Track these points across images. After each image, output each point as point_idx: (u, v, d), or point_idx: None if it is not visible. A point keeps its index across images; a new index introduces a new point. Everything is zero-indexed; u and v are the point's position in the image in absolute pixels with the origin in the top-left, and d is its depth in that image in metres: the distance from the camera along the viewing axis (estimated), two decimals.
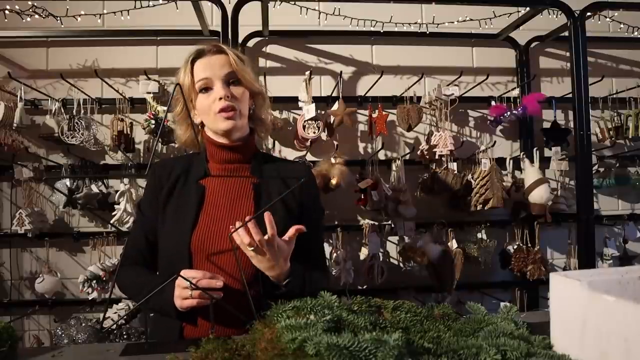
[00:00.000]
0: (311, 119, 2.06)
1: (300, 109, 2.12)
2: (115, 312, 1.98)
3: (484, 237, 2.29)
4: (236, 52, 1.16)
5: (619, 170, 2.39)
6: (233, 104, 1.10)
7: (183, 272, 0.99)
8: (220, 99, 1.09)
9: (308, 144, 2.14)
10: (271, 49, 2.36)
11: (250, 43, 2.30)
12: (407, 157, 2.29)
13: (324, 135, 2.18)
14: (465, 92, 2.31)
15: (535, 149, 2.27)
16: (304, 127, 2.07)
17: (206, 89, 1.12)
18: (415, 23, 2.25)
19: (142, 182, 2.22)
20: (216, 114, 1.10)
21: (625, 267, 0.65)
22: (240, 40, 2.05)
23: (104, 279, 1.99)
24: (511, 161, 2.34)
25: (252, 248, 0.96)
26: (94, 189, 2.07)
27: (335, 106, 2.11)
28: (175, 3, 1.96)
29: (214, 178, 1.15)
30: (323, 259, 1.28)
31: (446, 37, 2.36)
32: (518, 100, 2.33)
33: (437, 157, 2.15)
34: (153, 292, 0.88)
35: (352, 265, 2.14)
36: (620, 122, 2.36)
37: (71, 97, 2.15)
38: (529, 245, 2.31)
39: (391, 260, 2.37)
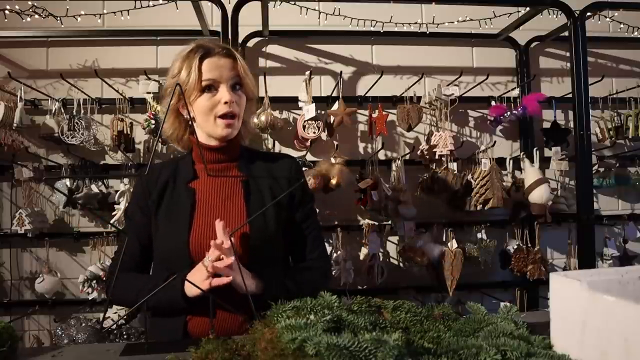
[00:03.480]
0: (311, 119, 2.06)
1: (300, 109, 2.12)
2: (115, 312, 1.98)
3: (484, 237, 2.29)
4: (241, 58, 1.17)
5: (619, 170, 2.39)
6: (235, 111, 1.11)
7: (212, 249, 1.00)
8: (225, 103, 1.09)
9: (308, 144, 2.14)
10: (271, 49, 2.36)
11: (250, 43, 2.30)
12: (407, 157, 2.29)
13: (324, 135, 2.19)
14: (465, 92, 2.31)
15: (535, 149, 2.27)
16: (304, 127, 2.07)
17: (209, 87, 1.11)
18: (415, 23, 2.25)
19: None
20: (217, 118, 1.11)
21: (625, 267, 0.65)
22: (240, 40, 2.05)
23: (104, 279, 1.98)
24: (511, 161, 2.34)
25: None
26: (94, 189, 2.07)
27: (335, 106, 2.11)
28: (175, 3, 1.96)
29: (203, 179, 1.16)
30: (322, 245, 1.28)
31: (446, 37, 2.36)
32: (518, 100, 2.33)
33: (437, 157, 2.15)
34: (154, 291, 0.88)
35: (352, 265, 2.14)
36: (620, 122, 2.36)
37: (71, 97, 2.15)
38: (529, 245, 2.30)
39: (391, 260, 2.37)
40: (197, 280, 0.98)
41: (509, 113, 2.24)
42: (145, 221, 1.15)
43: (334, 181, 2.00)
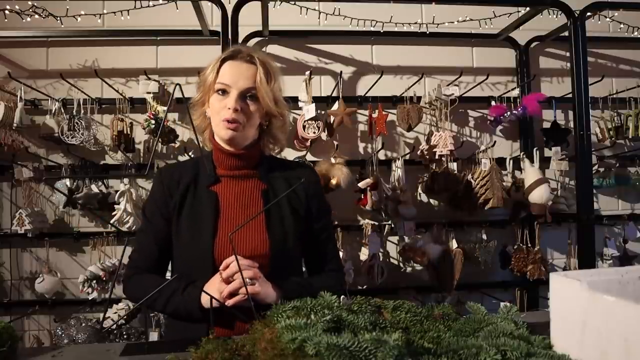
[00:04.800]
0: (311, 119, 2.06)
1: (300, 109, 2.12)
2: (115, 312, 1.98)
3: (484, 237, 2.29)
4: (268, 66, 1.15)
5: (619, 170, 2.39)
6: (238, 118, 1.10)
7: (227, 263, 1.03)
8: (229, 108, 1.10)
9: (308, 144, 2.14)
10: (271, 49, 2.36)
11: (250, 43, 2.30)
12: (407, 157, 2.29)
13: (324, 135, 2.18)
14: (465, 92, 2.31)
15: (535, 149, 2.27)
16: (304, 127, 2.07)
17: (223, 91, 1.13)
18: (415, 23, 2.25)
19: (142, 182, 2.22)
20: (221, 121, 1.11)
21: (625, 267, 0.65)
22: (240, 40, 2.05)
23: (104, 279, 1.99)
24: (511, 161, 2.35)
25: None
26: (94, 189, 2.07)
27: (335, 106, 2.11)
28: (175, 3, 1.96)
29: (224, 185, 1.16)
30: (337, 259, 1.29)
31: (446, 37, 2.36)
32: (518, 100, 2.33)
33: (437, 157, 2.15)
34: (156, 290, 0.88)
35: (352, 265, 2.14)
36: (620, 122, 2.36)
37: (71, 97, 2.15)
38: (529, 245, 2.31)
39: (391, 260, 2.37)
40: (213, 292, 0.99)
41: (509, 113, 2.24)
42: (164, 224, 1.15)
43: (334, 181, 2.00)
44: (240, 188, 1.16)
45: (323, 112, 2.17)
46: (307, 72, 2.12)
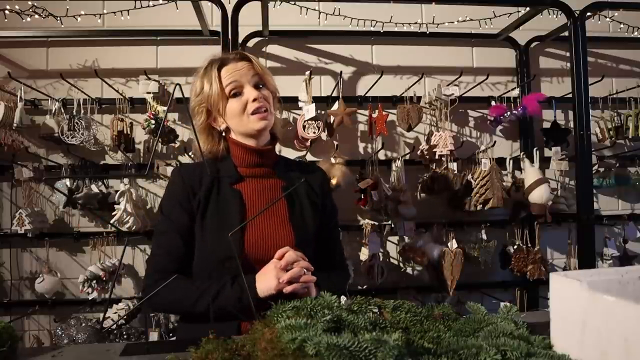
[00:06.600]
0: (311, 119, 2.06)
1: (300, 109, 2.12)
2: (115, 312, 1.98)
3: (484, 237, 2.29)
4: (257, 59, 1.22)
5: (619, 170, 2.39)
6: (265, 105, 1.15)
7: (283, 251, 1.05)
8: (254, 100, 1.14)
9: (308, 144, 2.14)
10: (271, 49, 2.36)
11: (250, 43, 2.30)
12: (407, 157, 2.29)
13: (324, 135, 2.19)
14: (465, 92, 2.31)
15: (535, 149, 2.27)
16: (304, 127, 2.07)
17: (235, 93, 1.16)
18: (415, 23, 2.25)
19: (142, 182, 2.22)
20: (250, 116, 1.14)
21: (625, 267, 0.65)
22: (240, 40, 2.05)
23: (104, 279, 1.99)
24: (511, 161, 2.34)
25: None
26: (94, 189, 2.07)
27: (335, 106, 2.11)
28: (175, 3, 1.96)
29: (246, 182, 1.18)
30: (342, 254, 1.35)
31: (446, 37, 2.36)
32: (518, 100, 2.33)
33: (437, 157, 2.15)
34: (159, 288, 0.89)
35: (352, 265, 2.14)
36: (620, 122, 2.36)
37: (71, 97, 2.15)
38: (529, 245, 2.30)
39: (391, 260, 2.37)
40: (270, 283, 1.02)
41: (509, 113, 2.24)
42: (187, 219, 1.13)
43: (333, 181, 2.00)
44: (263, 186, 1.19)
45: (323, 112, 2.17)
46: (307, 72, 2.12)
